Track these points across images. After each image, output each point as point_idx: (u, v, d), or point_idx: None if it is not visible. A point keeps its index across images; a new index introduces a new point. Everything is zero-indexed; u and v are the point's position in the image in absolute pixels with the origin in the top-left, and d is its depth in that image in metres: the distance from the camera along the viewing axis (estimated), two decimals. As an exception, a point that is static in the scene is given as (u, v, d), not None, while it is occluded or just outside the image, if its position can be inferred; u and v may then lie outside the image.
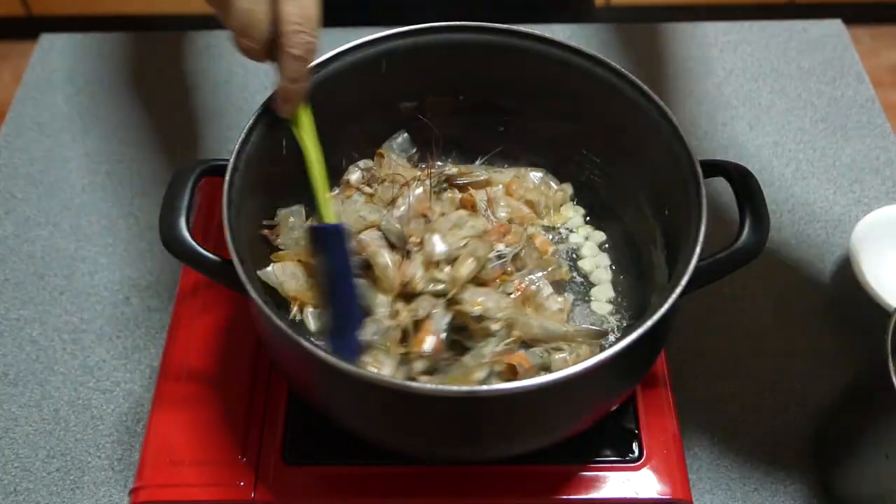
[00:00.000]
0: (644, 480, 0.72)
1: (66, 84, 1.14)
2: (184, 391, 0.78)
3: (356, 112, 0.81)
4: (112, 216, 1.00)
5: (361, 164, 0.83)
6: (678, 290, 0.61)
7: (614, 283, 0.82)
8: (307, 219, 0.81)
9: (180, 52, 1.18)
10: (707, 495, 0.79)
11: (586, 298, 0.81)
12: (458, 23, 0.77)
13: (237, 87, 1.14)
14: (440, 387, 0.58)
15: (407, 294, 0.72)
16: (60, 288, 0.93)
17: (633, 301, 0.80)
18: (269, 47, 0.65)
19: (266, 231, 0.77)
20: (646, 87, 0.72)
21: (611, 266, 0.83)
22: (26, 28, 2.40)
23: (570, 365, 0.61)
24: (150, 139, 1.08)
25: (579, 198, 0.87)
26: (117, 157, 1.06)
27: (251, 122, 0.70)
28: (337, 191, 0.83)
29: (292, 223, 0.78)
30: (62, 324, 0.90)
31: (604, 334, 0.73)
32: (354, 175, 0.83)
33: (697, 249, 0.63)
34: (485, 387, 0.58)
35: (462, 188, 0.83)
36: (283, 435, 0.75)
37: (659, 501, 0.72)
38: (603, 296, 0.81)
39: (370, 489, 0.73)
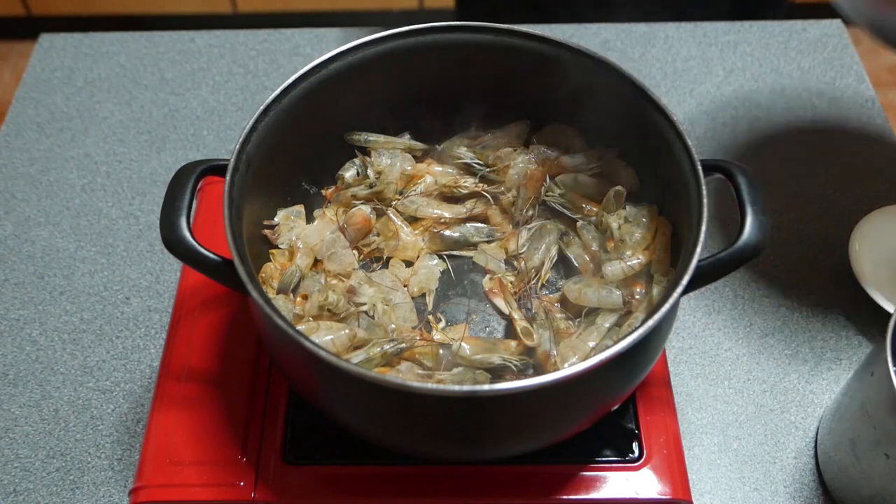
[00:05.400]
0: (644, 480, 0.72)
1: (66, 84, 1.14)
2: (184, 391, 0.78)
3: (360, 111, 0.82)
4: (112, 216, 1.00)
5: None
6: (679, 290, 0.61)
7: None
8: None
9: (180, 52, 1.18)
10: (707, 495, 0.79)
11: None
12: (459, 23, 0.77)
13: (237, 87, 1.14)
14: (440, 386, 0.58)
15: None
16: (60, 288, 0.93)
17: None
18: None
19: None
20: (646, 87, 0.72)
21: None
22: (26, 28, 2.40)
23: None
24: (150, 139, 1.08)
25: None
26: (117, 157, 1.06)
27: (252, 121, 0.70)
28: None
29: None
30: (62, 324, 0.90)
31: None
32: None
33: (698, 249, 0.63)
34: (485, 386, 0.57)
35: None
36: (283, 435, 0.75)
37: (659, 501, 0.72)
38: None
39: (370, 489, 0.73)
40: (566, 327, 0.74)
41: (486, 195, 0.81)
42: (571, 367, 0.57)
